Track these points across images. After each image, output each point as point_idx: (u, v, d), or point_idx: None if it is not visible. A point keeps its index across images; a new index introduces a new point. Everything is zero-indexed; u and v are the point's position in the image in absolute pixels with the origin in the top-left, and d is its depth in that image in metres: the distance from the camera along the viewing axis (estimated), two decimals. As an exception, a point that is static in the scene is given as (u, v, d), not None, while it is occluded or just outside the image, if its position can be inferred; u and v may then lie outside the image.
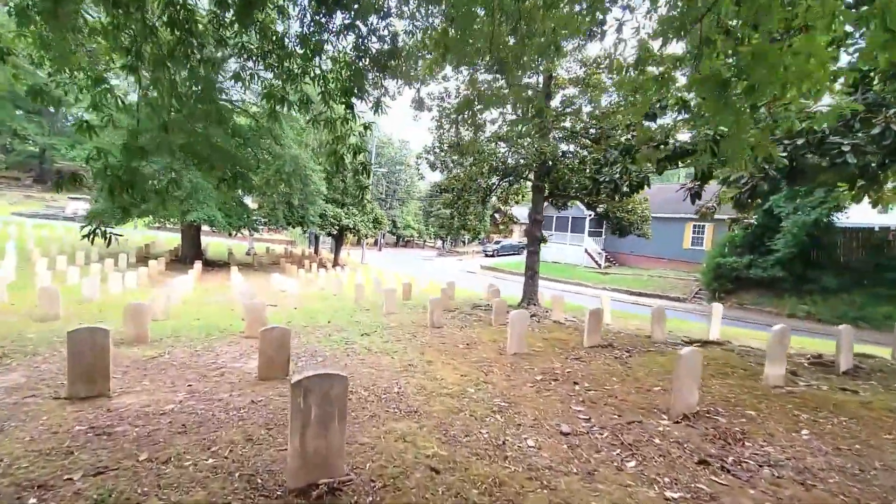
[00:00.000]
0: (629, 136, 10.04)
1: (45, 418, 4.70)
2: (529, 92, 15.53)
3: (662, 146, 7.78)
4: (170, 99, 3.81)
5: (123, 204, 17.04)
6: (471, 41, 4.31)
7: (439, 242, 61.39)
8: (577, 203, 19.69)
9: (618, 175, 8.00)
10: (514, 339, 8.05)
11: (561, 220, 36.19)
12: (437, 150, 16.79)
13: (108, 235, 3.74)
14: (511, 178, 16.01)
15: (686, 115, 7.67)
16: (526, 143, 13.38)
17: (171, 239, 33.24)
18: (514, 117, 15.60)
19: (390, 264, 37.53)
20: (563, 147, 14.55)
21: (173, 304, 13.20)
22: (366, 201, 32.21)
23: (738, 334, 12.07)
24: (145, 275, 18.73)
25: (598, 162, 9.02)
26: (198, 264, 21.83)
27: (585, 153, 14.72)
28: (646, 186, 7.92)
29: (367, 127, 5.71)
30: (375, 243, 52.56)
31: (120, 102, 4.99)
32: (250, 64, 4.53)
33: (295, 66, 4.74)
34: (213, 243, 35.17)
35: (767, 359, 6.49)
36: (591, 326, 8.82)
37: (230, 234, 29.59)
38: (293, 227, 31.08)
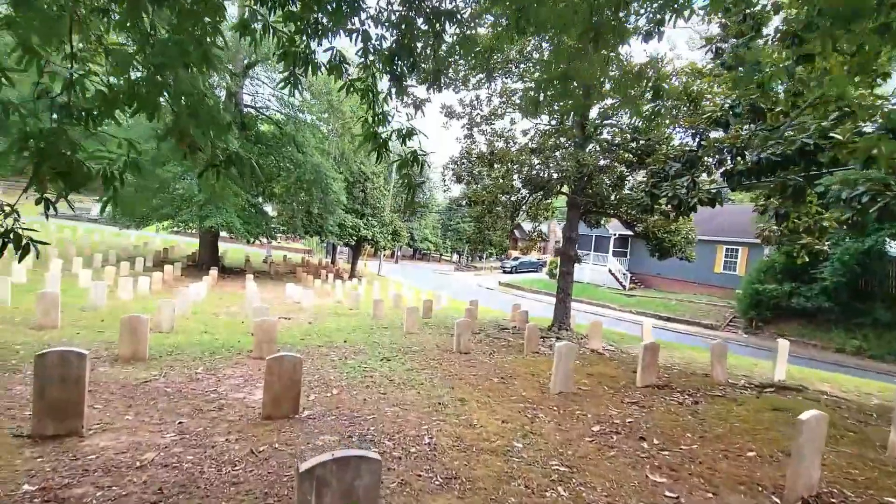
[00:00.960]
0: (693, 146, 8.86)
1: (-9, 468, 3.68)
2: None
3: (738, 158, 6.61)
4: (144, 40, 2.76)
5: (143, 208, 16.32)
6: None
7: (456, 256, 60.30)
8: (606, 221, 18.47)
9: (684, 189, 6.84)
10: (560, 376, 6.85)
11: (584, 238, 34.81)
12: (465, 161, 15.80)
13: (22, 244, 2.70)
14: (543, 192, 14.89)
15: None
16: (563, 155, 12.31)
17: (190, 243, 32.81)
18: (547, 128, 14.58)
19: (407, 277, 36.50)
20: (601, 161, 13.40)
21: (182, 314, 12.31)
22: (386, 213, 31.41)
23: (805, 375, 10.63)
24: (160, 280, 17.99)
25: (656, 174, 7.86)
26: (213, 271, 21.08)
27: (623, 168, 13.58)
28: (717, 204, 6.75)
29: (418, 106, 4.67)
30: (392, 255, 51.69)
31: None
32: (263, 11, 3.40)
33: (324, 18, 3.52)
34: (231, 250, 34.66)
35: (895, 424, 5.17)
36: (647, 362, 7.56)
37: (248, 241, 29.02)
38: (311, 236, 30.36)
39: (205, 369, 7.14)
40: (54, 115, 2.68)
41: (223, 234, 25.64)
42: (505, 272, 46.37)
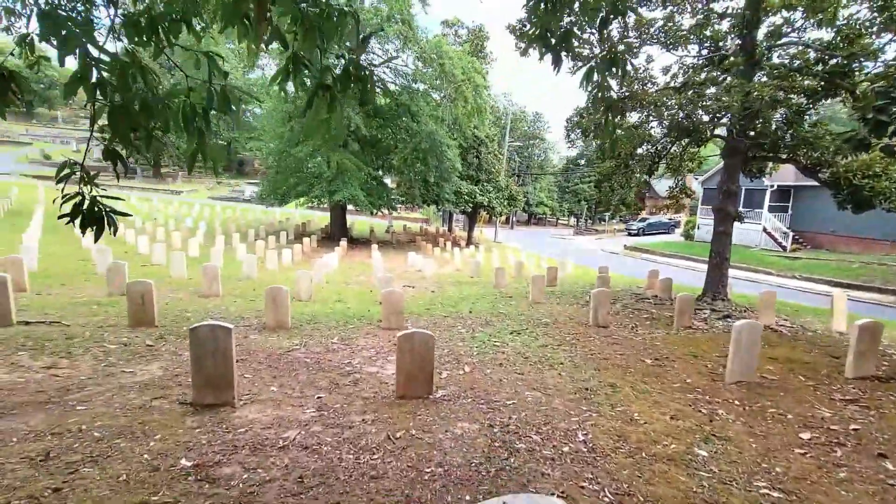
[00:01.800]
0: None
1: (157, 437, 3.83)
2: (724, 24, 11.83)
3: None
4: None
5: (282, 186, 17.74)
6: None
7: (573, 220, 57.04)
8: (774, 168, 15.18)
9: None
10: (739, 361, 5.47)
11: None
12: (592, 112, 14.00)
13: (102, 216, 2.33)
14: (690, 138, 12.56)
15: None
16: (722, 89, 10.00)
17: (323, 217, 35.65)
18: (695, 61, 12.12)
19: (524, 243, 35.39)
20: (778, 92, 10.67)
21: (318, 283, 13.05)
22: (500, 178, 30.38)
23: None
24: (300, 252, 19.63)
25: (885, 94, 5.69)
26: (343, 242, 22.43)
27: (803, 99, 10.71)
28: None
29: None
30: (507, 221, 50.67)
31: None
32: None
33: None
34: (358, 221, 36.97)
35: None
36: (864, 347, 5.72)
37: (371, 213, 30.48)
38: (429, 206, 30.77)
39: (340, 339, 7.19)
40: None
41: (350, 207, 27.19)
42: (631, 234, 42.53)
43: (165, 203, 35.83)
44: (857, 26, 9.60)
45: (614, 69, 2.89)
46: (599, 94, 3.27)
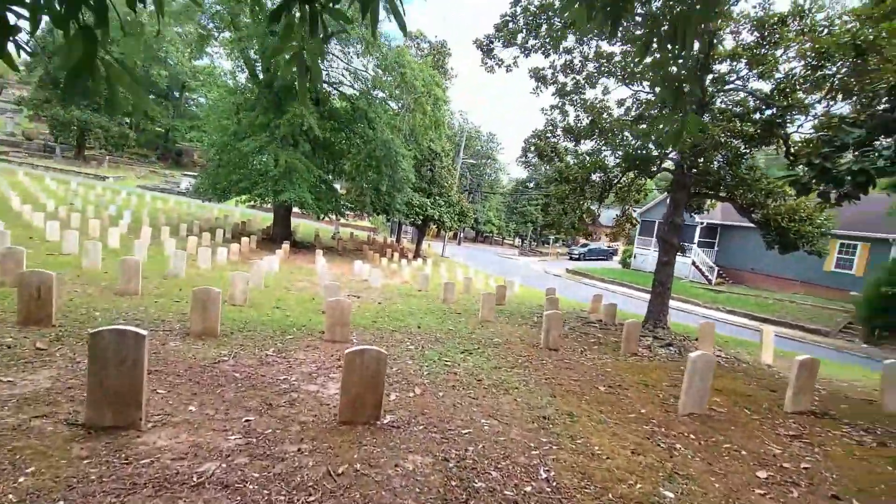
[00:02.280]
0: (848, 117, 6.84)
1: (30, 471, 3.00)
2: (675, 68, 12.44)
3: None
4: None
5: (223, 181, 16.37)
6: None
7: (518, 240, 58.35)
8: (711, 205, 16.16)
9: (881, 161, 5.04)
10: (692, 393, 5.41)
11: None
12: (549, 136, 14.20)
13: None
14: (639, 171, 13.00)
15: None
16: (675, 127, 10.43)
17: (266, 218, 33.74)
18: (650, 96, 12.63)
19: (471, 260, 35.47)
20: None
21: (255, 286, 12.02)
22: (452, 194, 30.31)
23: None
24: (236, 251, 18.22)
25: (830, 143, 6.01)
26: (286, 244, 21.18)
27: (740, 143, 11.44)
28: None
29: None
30: (455, 236, 50.82)
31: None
32: None
33: None
34: (302, 224, 35.37)
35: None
36: (802, 383, 5.89)
37: (318, 217, 29.21)
38: (378, 214, 30.04)
39: (276, 351, 6.45)
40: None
41: (295, 209, 25.87)
42: (572, 258, 44.05)
43: (87, 188, 32.37)
44: (793, 82, 10.37)
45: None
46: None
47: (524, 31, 11.98)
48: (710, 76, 11.66)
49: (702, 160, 11.35)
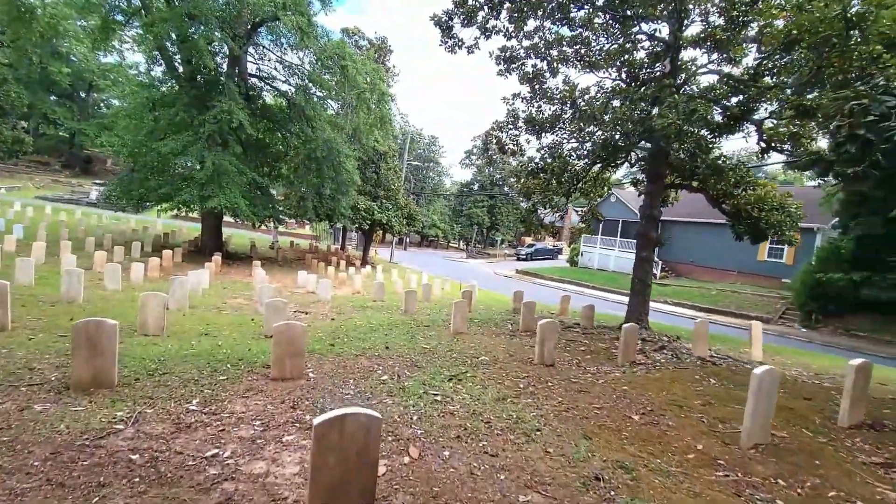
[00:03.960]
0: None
1: None
2: (642, 52, 11.73)
3: None
4: None
5: (138, 188, 13.68)
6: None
7: (463, 243, 57.59)
8: (678, 198, 15.77)
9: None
10: (758, 420, 4.24)
11: (609, 224, 32.18)
12: (510, 128, 13.06)
13: None
14: (604, 163, 12.17)
15: None
16: (666, 107, 9.54)
17: (193, 229, 30.02)
18: (616, 83, 11.82)
19: (420, 265, 33.89)
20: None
21: (179, 308, 9.70)
22: (399, 196, 28.60)
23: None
24: (157, 266, 15.36)
25: (866, 112, 5.19)
26: (217, 257, 18.42)
27: (706, 132, 10.91)
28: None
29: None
30: (400, 241, 48.98)
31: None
32: None
33: None
34: (235, 235, 31.95)
35: None
36: (857, 394, 4.95)
37: (254, 226, 26.27)
38: (321, 221, 27.63)
39: (201, 403, 4.53)
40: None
41: (227, 218, 22.95)
42: (520, 259, 43.84)
43: (-34, 199, 27.00)
44: (762, 69, 9.91)
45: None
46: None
47: (485, 8, 10.73)
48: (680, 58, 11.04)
49: (676, 147, 10.66)
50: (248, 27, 19.81)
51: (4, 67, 37.60)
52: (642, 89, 10.67)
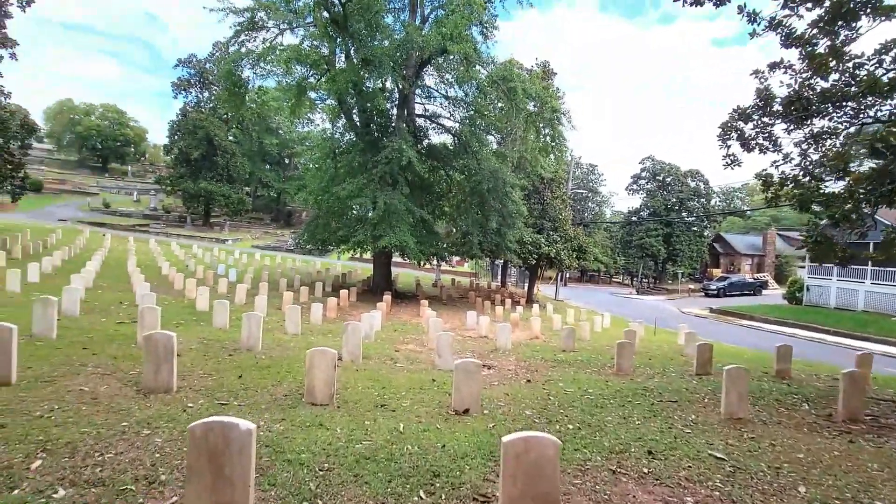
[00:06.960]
0: None
1: None
2: None
3: None
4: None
5: (322, 232, 13.56)
6: None
7: (629, 277, 50.33)
8: None
9: None
10: None
11: (853, 248, 23.52)
12: (758, 114, 9.16)
13: None
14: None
15: None
16: None
17: (367, 270, 31.42)
18: None
19: (588, 302, 29.53)
20: None
21: (351, 359, 8.14)
22: (568, 227, 25.31)
23: None
24: (334, 306, 15.01)
25: None
26: (387, 296, 17.69)
27: None
28: None
29: None
30: (560, 276, 44.90)
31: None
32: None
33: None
34: (402, 273, 32.47)
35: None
36: None
37: (419, 264, 25.90)
38: (486, 257, 25.89)
39: None
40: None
41: (395, 258, 22.79)
42: (708, 295, 35.74)
43: (205, 249, 32.88)
44: None
45: None
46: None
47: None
48: None
49: None
50: (416, 66, 19.65)
51: (234, 144, 46.75)
52: None
